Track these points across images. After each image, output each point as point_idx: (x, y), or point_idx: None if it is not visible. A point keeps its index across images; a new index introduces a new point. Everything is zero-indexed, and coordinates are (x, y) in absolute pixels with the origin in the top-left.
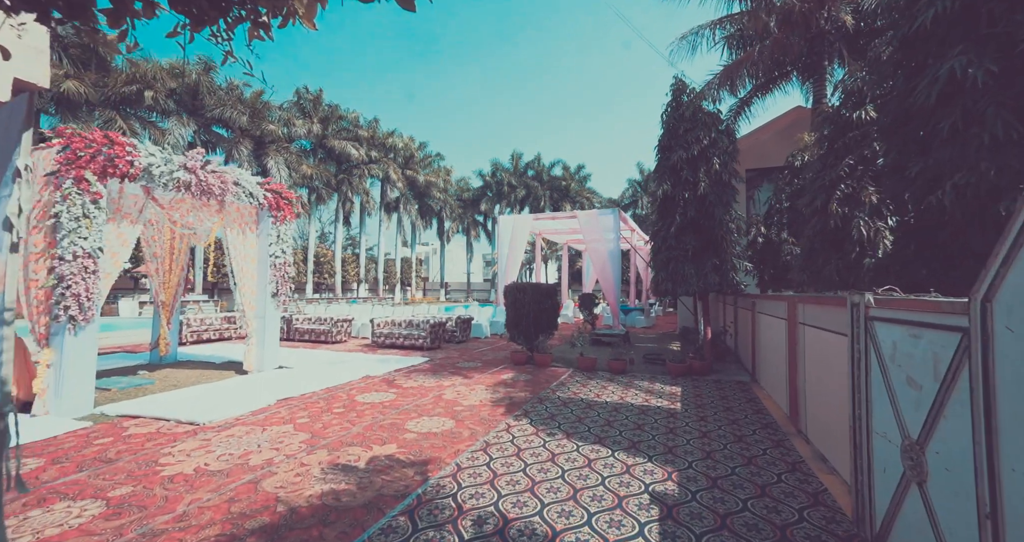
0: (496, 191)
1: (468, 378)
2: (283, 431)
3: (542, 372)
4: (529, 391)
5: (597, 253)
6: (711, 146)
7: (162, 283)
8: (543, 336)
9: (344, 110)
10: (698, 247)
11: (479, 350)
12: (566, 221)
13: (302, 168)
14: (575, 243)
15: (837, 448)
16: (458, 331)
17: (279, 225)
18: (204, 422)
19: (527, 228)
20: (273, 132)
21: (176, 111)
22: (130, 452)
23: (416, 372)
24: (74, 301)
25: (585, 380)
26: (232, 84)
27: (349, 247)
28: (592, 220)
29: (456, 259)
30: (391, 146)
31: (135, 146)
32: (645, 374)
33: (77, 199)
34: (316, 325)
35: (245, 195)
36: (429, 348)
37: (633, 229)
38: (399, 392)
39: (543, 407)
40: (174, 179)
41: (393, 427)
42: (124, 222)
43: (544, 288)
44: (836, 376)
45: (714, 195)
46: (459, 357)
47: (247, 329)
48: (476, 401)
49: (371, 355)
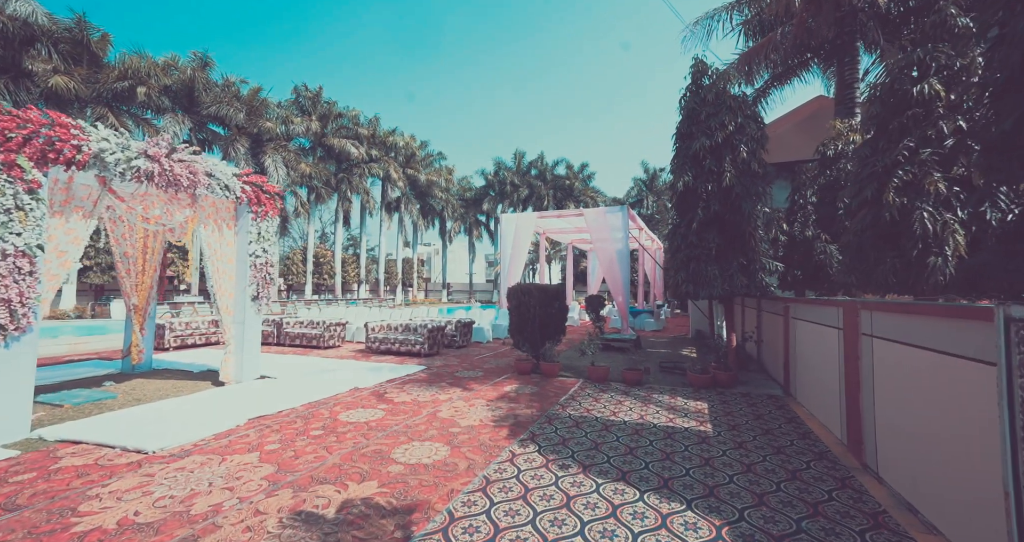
0: (499, 190)
1: (468, 390)
2: (245, 462)
3: (549, 383)
4: (536, 407)
5: (605, 253)
6: (737, 132)
7: (134, 285)
8: (550, 343)
9: (343, 108)
10: (723, 245)
11: (481, 357)
12: (572, 219)
13: (301, 167)
14: (580, 243)
15: (944, 503)
16: (458, 336)
17: (259, 221)
18: (154, 450)
19: (531, 227)
20: (271, 130)
21: (171, 108)
22: (48, 495)
23: (411, 383)
24: (4, 307)
25: (598, 393)
26: (228, 81)
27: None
28: (600, 218)
29: (458, 259)
30: (392, 145)
31: (82, 128)
32: (664, 386)
33: (7, 188)
34: (308, 329)
35: (220, 188)
36: (427, 354)
37: (641, 228)
38: (389, 408)
39: (552, 429)
40: (132, 168)
41: (377, 456)
42: (74, 216)
43: (551, 290)
44: (947, 413)
45: (741, 187)
46: (459, 365)
47: (224, 336)
48: (476, 420)
49: (364, 363)
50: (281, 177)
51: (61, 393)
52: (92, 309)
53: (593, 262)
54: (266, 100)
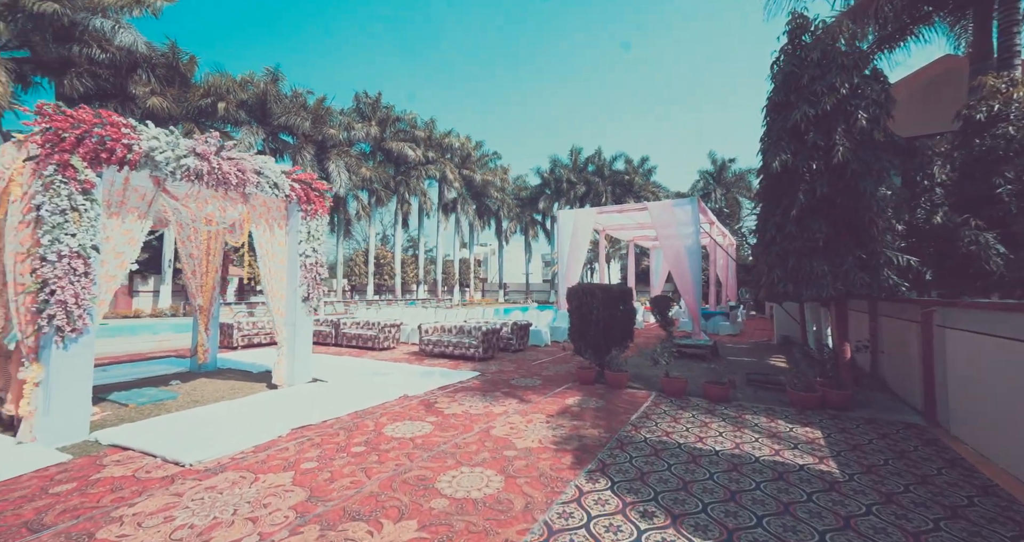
0: (555, 188)
1: (524, 402)
2: (277, 484)
3: (617, 396)
4: (603, 426)
5: (672, 249)
6: (852, 96)
7: (199, 286)
8: (616, 349)
9: (401, 112)
10: (832, 236)
11: (538, 362)
12: (634, 214)
13: (362, 171)
14: (642, 240)
15: None
16: (514, 339)
17: (309, 220)
18: (190, 463)
19: (590, 223)
20: (334, 136)
21: (247, 120)
22: (75, 513)
23: (463, 391)
24: (60, 309)
25: (676, 411)
26: (296, 93)
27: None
28: (666, 212)
29: (515, 259)
30: (447, 146)
31: (133, 127)
32: (756, 404)
33: (62, 188)
34: (363, 330)
35: (269, 186)
36: (481, 358)
37: (712, 222)
38: (438, 422)
39: (626, 457)
40: (182, 166)
41: (420, 484)
42: (130, 217)
43: (616, 290)
44: None
45: (858, 162)
46: (515, 371)
47: (277, 337)
48: (534, 441)
49: (416, 367)
50: (344, 181)
51: (131, 391)
52: (184, 308)
53: (657, 260)
54: (330, 108)
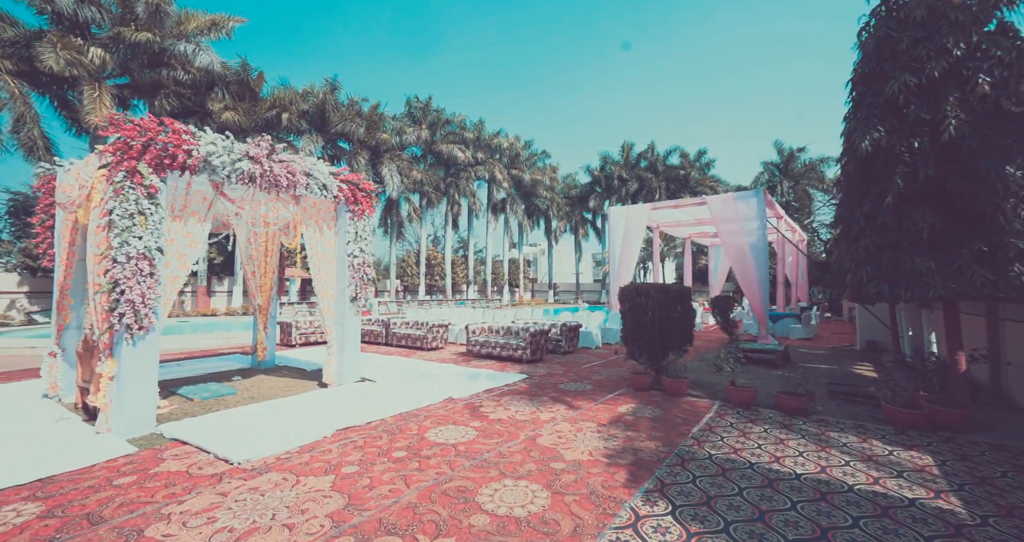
0: (605, 186)
1: (574, 408)
2: (317, 488)
3: (675, 405)
4: (661, 439)
5: (735, 246)
6: (970, 58)
7: (258, 287)
8: (674, 354)
9: (450, 114)
10: (942, 227)
11: (588, 365)
12: (691, 209)
13: (413, 174)
14: (700, 237)
15: None
16: (563, 340)
17: (356, 221)
18: (239, 461)
19: (643, 220)
20: (387, 141)
21: (308, 129)
22: (131, 507)
23: (509, 395)
24: (129, 308)
25: (744, 424)
26: (352, 100)
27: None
28: (727, 206)
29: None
30: (496, 146)
31: (193, 133)
32: (842, 420)
33: (130, 194)
34: (412, 330)
35: (318, 187)
36: (529, 361)
37: (780, 216)
38: (483, 428)
39: (688, 477)
40: (237, 170)
41: (460, 496)
42: (192, 220)
43: (673, 290)
44: None
45: (978, 138)
46: (564, 375)
47: (327, 337)
48: (584, 452)
49: (462, 368)
50: (396, 184)
51: (197, 386)
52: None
53: (716, 258)
54: (383, 114)
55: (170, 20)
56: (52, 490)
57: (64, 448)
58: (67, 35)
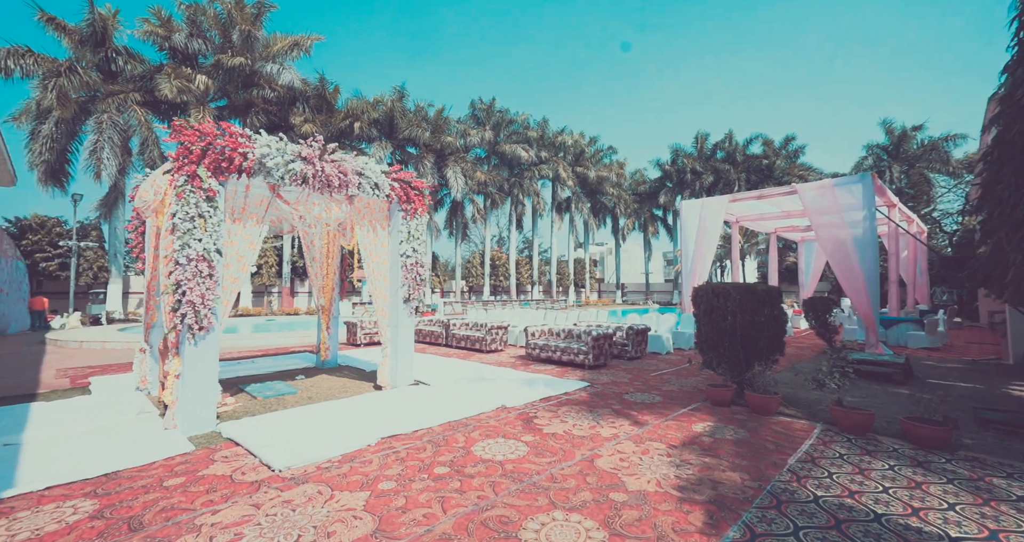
0: (677, 180)
1: (639, 424)
2: (349, 506)
3: (763, 425)
4: (747, 469)
5: (833, 240)
6: None
7: (321, 287)
8: (760, 365)
9: (514, 114)
10: None
11: (658, 373)
12: (778, 200)
13: (477, 175)
14: (787, 231)
15: None
16: (630, 345)
17: (409, 220)
18: (279, 469)
19: (720, 214)
20: (451, 144)
21: (377, 137)
22: (171, 513)
23: (567, 405)
24: (189, 308)
25: (860, 457)
26: (419, 106)
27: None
28: (824, 195)
29: (633, 258)
30: (560, 144)
31: (249, 136)
32: (1008, 461)
33: (190, 197)
34: (472, 332)
35: (370, 187)
36: (591, 366)
37: (893, 204)
38: (535, 442)
39: (787, 526)
40: (290, 171)
41: (500, 529)
42: (250, 222)
43: (759, 291)
44: None
45: None
46: (629, 383)
47: (382, 338)
48: (650, 481)
49: (520, 372)
50: (460, 186)
51: (263, 384)
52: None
53: (807, 254)
54: (448, 118)
55: (259, 44)
56: (111, 487)
57: (135, 443)
58: (179, 66)
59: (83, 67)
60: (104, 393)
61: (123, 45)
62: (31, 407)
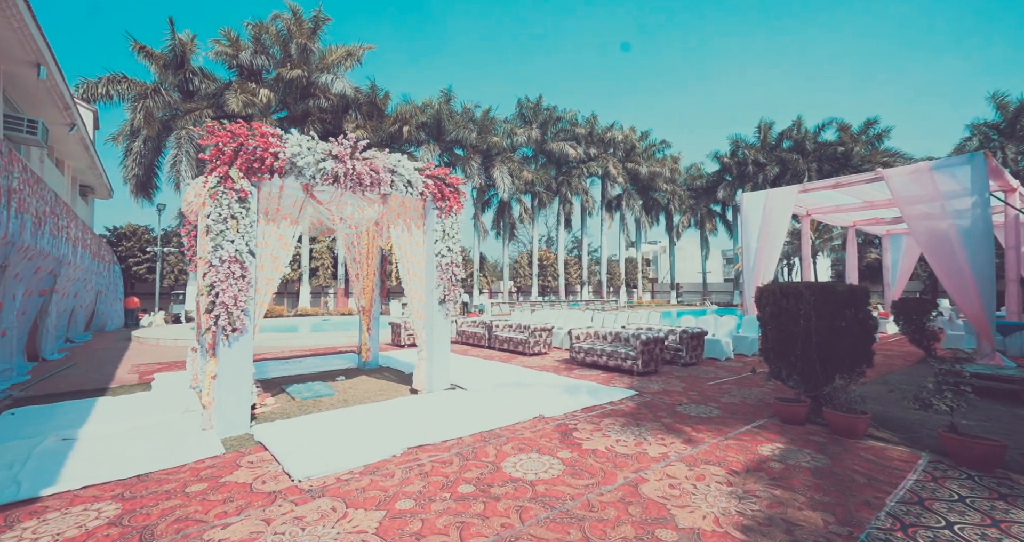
0: (737, 173)
1: (693, 442)
2: (360, 528)
3: (849, 451)
4: (830, 508)
5: (930, 233)
6: None
7: (362, 289)
8: (843, 379)
9: (561, 111)
10: None
11: (715, 382)
12: (859, 189)
13: (523, 175)
14: (869, 224)
15: None
16: (684, 350)
17: (444, 218)
18: (299, 479)
19: (787, 206)
20: (497, 144)
21: (426, 140)
22: (183, 524)
23: (611, 416)
24: (223, 310)
25: (989, 502)
26: (466, 108)
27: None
28: (919, 181)
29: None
30: (610, 140)
31: (280, 136)
32: None
33: (223, 198)
34: (515, 334)
35: (403, 184)
36: (640, 373)
37: (1012, 188)
38: (571, 461)
39: None
40: (321, 170)
41: None
42: (283, 223)
43: (841, 292)
44: None
45: None
46: (682, 393)
47: (418, 341)
48: (705, 517)
49: (562, 378)
50: (507, 186)
51: (304, 385)
52: (358, 308)
53: (894, 250)
54: (494, 118)
55: (315, 56)
56: (139, 490)
57: (172, 443)
58: (245, 82)
59: (165, 88)
60: (162, 390)
61: (199, 66)
62: (97, 402)
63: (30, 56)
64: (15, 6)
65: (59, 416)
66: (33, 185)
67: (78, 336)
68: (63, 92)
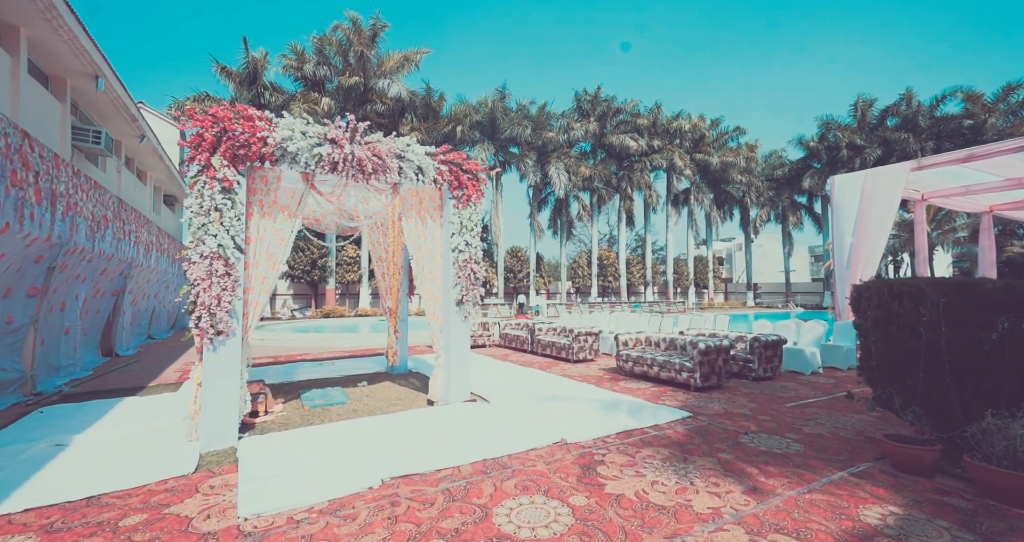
0: (828, 159)
1: (759, 494)
2: None
3: (1014, 527)
4: None
5: None
6: None
7: (388, 289)
8: (996, 414)
9: (622, 102)
10: None
11: (796, 403)
12: (1001, 161)
13: (581, 170)
14: (1013, 208)
15: None
16: (755, 361)
17: (461, 209)
18: (245, 516)
19: (896, 188)
20: (553, 140)
21: (480, 139)
22: None
23: (652, 445)
24: (204, 311)
25: None
26: (521, 105)
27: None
28: None
29: (768, 254)
30: (676, 130)
31: (269, 120)
32: None
33: (204, 189)
34: (558, 338)
35: (412, 171)
36: (699, 388)
37: None
38: (586, 510)
39: None
40: (316, 156)
41: None
42: (281, 216)
43: (989, 291)
44: None
45: None
46: (750, 417)
47: (434, 346)
48: None
49: (602, 391)
50: (563, 183)
51: (321, 390)
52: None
53: None
54: (550, 113)
55: (372, 63)
56: (74, 519)
57: (148, 457)
58: (309, 92)
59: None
60: (182, 392)
61: (269, 81)
62: (120, 403)
63: (87, 68)
64: (60, 17)
65: (80, 417)
66: (88, 190)
67: (159, 333)
68: (127, 104)
